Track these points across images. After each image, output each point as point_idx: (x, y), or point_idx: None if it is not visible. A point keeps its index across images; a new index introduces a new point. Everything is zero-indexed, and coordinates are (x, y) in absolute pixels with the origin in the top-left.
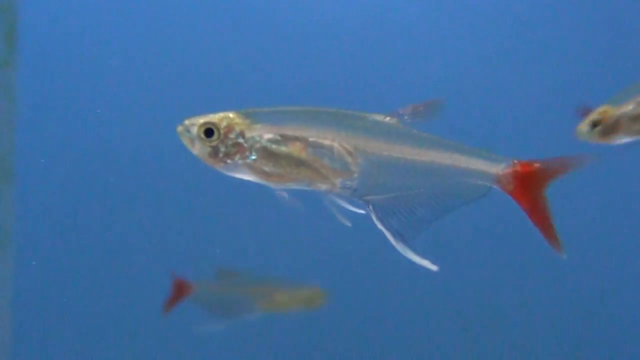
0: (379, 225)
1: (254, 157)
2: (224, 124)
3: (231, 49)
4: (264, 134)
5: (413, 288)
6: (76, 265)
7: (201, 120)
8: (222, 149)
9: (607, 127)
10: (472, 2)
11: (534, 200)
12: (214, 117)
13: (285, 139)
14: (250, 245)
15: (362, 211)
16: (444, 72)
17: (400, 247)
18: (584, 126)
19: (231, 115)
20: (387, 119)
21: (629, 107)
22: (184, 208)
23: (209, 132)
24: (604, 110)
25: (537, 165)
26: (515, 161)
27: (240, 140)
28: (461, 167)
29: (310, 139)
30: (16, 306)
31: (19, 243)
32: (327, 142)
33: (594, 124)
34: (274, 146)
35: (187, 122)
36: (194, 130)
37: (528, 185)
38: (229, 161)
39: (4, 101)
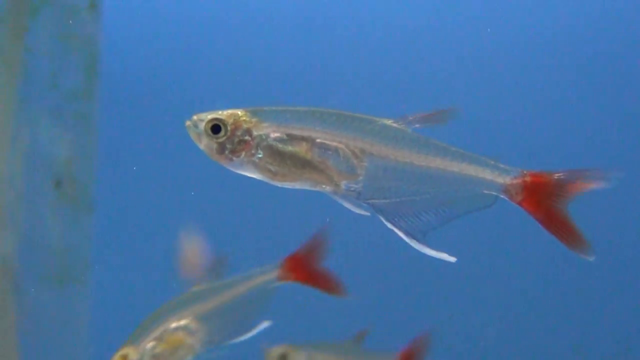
0: (390, 226)
1: (260, 155)
2: (231, 121)
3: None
4: (271, 133)
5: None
6: (157, 294)
7: (209, 116)
8: (229, 145)
9: None
10: (486, 11)
11: (546, 211)
12: (222, 114)
13: (291, 139)
14: None
15: (367, 213)
16: (459, 80)
17: (415, 244)
18: None
19: (239, 112)
20: (396, 124)
21: (148, 345)
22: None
23: (216, 128)
24: (124, 354)
25: (547, 176)
26: (525, 172)
27: (247, 137)
28: (468, 175)
29: (317, 140)
30: (94, 336)
31: (98, 273)
32: (333, 143)
33: None
34: (280, 145)
35: (195, 117)
36: (202, 125)
37: (538, 196)
38: (234, 158)
39: (84, 132)
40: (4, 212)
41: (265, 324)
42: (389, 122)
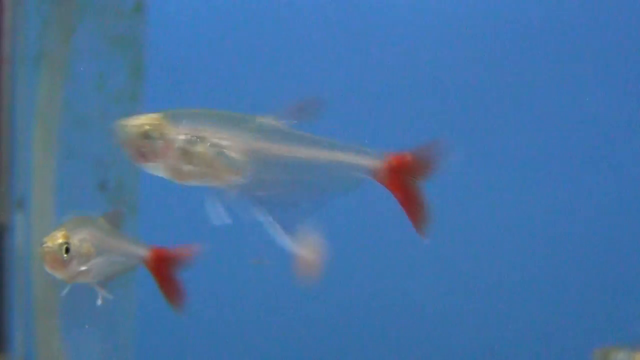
0: (268, 219)
1: (170, 157)
2: (146, 124)
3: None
4: (177, 135)
5: None
6: (202, 297)
7: (125, 121)
8: (142, 148)
9: None
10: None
11: (404, 190)
12: (137, 119)
13: (191, 139)
14: None
15: (252, 213)
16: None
17: (284, 240)
18: None
19: (154, 116)
20: (272, 120)
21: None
22: None
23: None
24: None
25: (406, 156)
26: (387, 154)
27: (159, 140)
28: (340, 161)
29: (212, 140)
30: (138, 340)
31: (143, 276)
32: (223, 142)
33: None
34: (184, 146)
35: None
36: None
37: (400, 176)
38: (147, 159)
39: None
40: (49, 214)
41: None
42: (263, 119)
